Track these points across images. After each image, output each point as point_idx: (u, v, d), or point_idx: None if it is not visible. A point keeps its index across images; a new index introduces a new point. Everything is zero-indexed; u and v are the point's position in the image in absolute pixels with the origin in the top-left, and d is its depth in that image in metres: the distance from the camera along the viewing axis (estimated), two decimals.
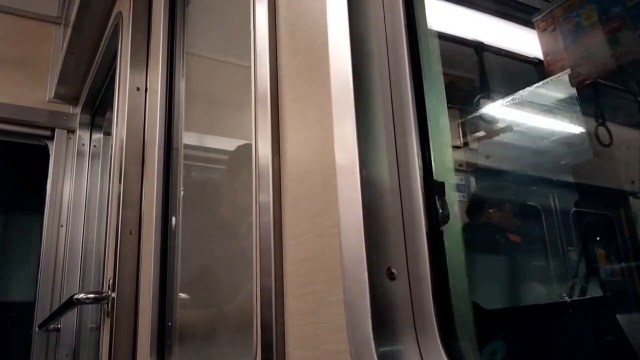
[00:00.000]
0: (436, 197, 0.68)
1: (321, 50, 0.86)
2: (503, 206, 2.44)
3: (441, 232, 0.68)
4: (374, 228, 0.69)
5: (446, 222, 0.67)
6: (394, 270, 0.68)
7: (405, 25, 0.80)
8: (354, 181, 0.70)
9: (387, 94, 0.77)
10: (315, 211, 0.82)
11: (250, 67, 1.11)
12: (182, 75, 1.97)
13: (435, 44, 0.89)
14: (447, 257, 0.68)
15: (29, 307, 3.17)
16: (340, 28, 0.81)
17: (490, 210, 2.44)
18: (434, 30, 0.91)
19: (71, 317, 3.00)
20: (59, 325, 2.99)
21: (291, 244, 0.89)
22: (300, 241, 0.86)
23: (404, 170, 0.72)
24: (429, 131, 0.72)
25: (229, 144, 1.86)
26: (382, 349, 0.64)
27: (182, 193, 1.83)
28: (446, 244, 0.69)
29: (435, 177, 0.70)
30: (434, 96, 0.79)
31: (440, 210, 0.67)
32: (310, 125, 0.88)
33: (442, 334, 0.64)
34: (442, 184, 0.68)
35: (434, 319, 0.65)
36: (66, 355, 2.98)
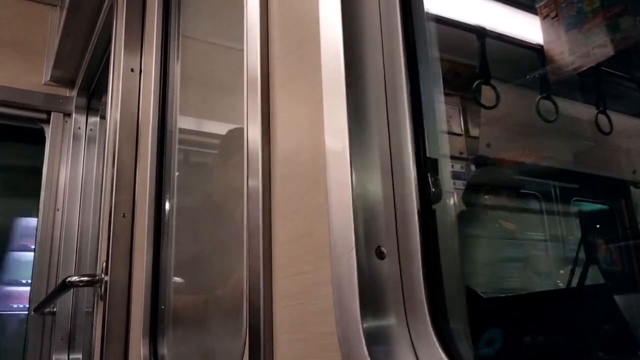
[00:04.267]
0: (428, 174, 0.65)
1: (312, 32, 0.84)
2: (500, 193, 2.42)
3: (433, 211, 0.66)
4: (364, 206, 0.67)
5: (438, 200, 0.65)
6: (383, 250, 0.66)
7: (400, 6, 0.77)
8: (343, 160, 0.68)
9: (379, 73, 0.75)
10: (304, 190, 0.80)
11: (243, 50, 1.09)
12: (177, 58, 1.94)
13: (432, 27, 0.87)
14: (439, 238, 0.66)
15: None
16: (332, 9, 0.78)
17: (487, 197, 2.42)
18: (431, 13, 0.89)
19: (66, 300, 2.99)
20: (55, 309, 2.99)
21: (280, 224, 0.87)
22: (289, 221, 0.84)
23: (396, 149, 0.70)
24: (422, 110, 0.70)
25: (224, 128, 1.84)
26: (370, 331, 0.62)
27: (176, 176, 1.81)
28: (439, 224, 0.67)
29: (428, 155, 0.67)
30: (429, 79, 0.77)
31: (433, 189, 0.65)
32: (300, 105, 0.86)
33: (433, 314, 0.62)
34: (435, 161, 0.66)
35: (424, 300, 0.63)
36: (61, 338, 2.98)
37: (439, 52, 0.94)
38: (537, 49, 2.25)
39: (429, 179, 0.66)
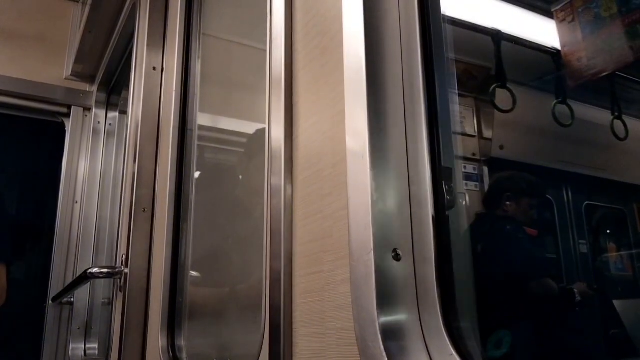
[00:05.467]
0: (443, 182, 0.69)
1: (336, 36, 0.87)
2: (514, 197, 2.43)
3: (447, 217, 0.70)
4: (382, 210, 0.71)
5: (452, 207, 0.69)
6: (399, 252, 0.70)
7: (418, 12, 0.81)
8: (364, 165, 0.72)
9: (398, 80, 0.79)
10: (325, 193, 0.84)
11: (265, 50, 1.13)
12: (198, 57, 1.98)
13: (448, 31, 0.90)
14: (452, 242, 0.70)
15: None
16: (354, 14, 0.82)
17: (507, 203, 2.43)
18: (447, 17, 0.92)
19: (84, 291, 3.06)
20: (72, 299, 3.06)
21: (301, 225, 0.91)
22: (310, 222, 0.88)
23: (412, 155, 0.73)
24: (438, 118, 0.73)
25: (243, 127, 1.88)
26: (385, 327, 0.66)
27: (195, 173, 1.86)
28: (452, 229, 0.70)
29: (443, 163, 0.71)
30: (445, 87, 0.80)
31: (447, 196, 0.69)
32: (322, 109, 0.90)
33: (444, 313, 0.66)
34: (449, 170, 0.70)
35: (437, 300, 0.67)
36: (78, 328, 3.05)
37: (456, 56, 0.97)
38: (553, 53, 2.26)
39: (444, 187, 0.69)
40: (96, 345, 3.02)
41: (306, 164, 0.93)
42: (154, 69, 2.07)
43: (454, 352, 0.64)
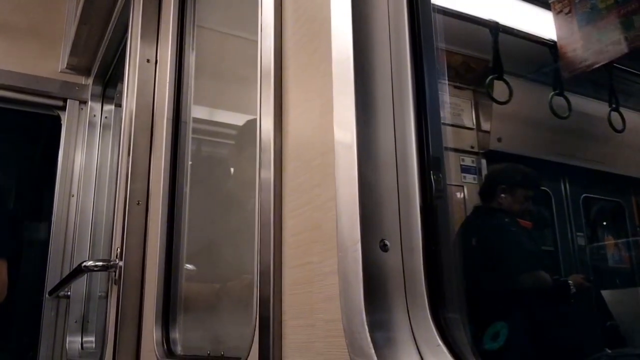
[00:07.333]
0: (431, 172, 0.69)
1: (323, 25, 0.86)
2: (509, 190, 2.43)
3: (435, 207, 0.69)
4: (369, 201, 0.70)
5: (440, 197, 0.68)
6: (387, 242, 0.69)
7: (407, 3, 0.80)
8: (351, 155, 0.71)
9: (387, 69, 0.78)
10: (314, 184, 0.84)
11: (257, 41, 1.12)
12: (192, 48, 1.97)
13: (439, 21, 0.89)
14: (440, 232, 0.69)
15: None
16: (343, 6, 0.81)
17: (502, 195, 2.42)
18: (438, 6, 0.91)
19: (81, 285, 3.06)
20: (69, 293, 3.06)
21: (290, 216, 0.90)
22: (299, 213, 0.87)
23: (400, 145, 0.73)
24: (427, 107, 0.72)
25: (237, 119, 1.87)
26: (372, 318, 0.65)
27: (189, 165, 1.85)
28: (440, 219, 0.70)
29: (431, 153, 0.71)
30: (435, 75, 0.80)
31: (435, 186, 0.68)
32: (311, 99, 0.89)
33: (432, 304, 0.66)
34: (437, 159, 0.69)
35: (425, 290, 0.66)
36: (75, 321, 3.05)
37: (449, 47, 0.96)
38: (550, 45, 2.25)
39: (432, 177, 0.69)
40: (93, 339, 3.03)
41: (295, 153, 0.92)
42: (148, 61, 2.06)
43: (441, 343, 0.64)
